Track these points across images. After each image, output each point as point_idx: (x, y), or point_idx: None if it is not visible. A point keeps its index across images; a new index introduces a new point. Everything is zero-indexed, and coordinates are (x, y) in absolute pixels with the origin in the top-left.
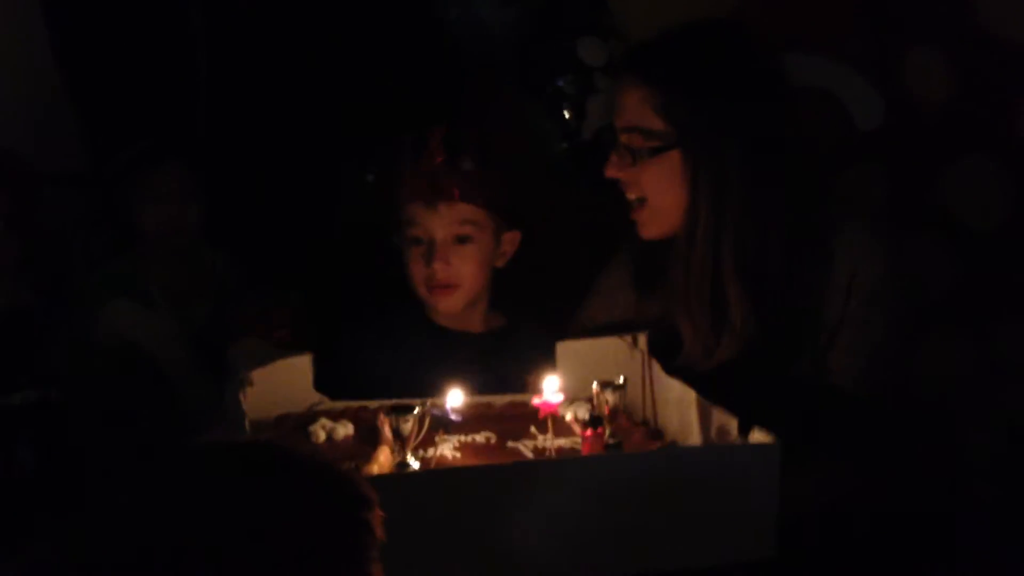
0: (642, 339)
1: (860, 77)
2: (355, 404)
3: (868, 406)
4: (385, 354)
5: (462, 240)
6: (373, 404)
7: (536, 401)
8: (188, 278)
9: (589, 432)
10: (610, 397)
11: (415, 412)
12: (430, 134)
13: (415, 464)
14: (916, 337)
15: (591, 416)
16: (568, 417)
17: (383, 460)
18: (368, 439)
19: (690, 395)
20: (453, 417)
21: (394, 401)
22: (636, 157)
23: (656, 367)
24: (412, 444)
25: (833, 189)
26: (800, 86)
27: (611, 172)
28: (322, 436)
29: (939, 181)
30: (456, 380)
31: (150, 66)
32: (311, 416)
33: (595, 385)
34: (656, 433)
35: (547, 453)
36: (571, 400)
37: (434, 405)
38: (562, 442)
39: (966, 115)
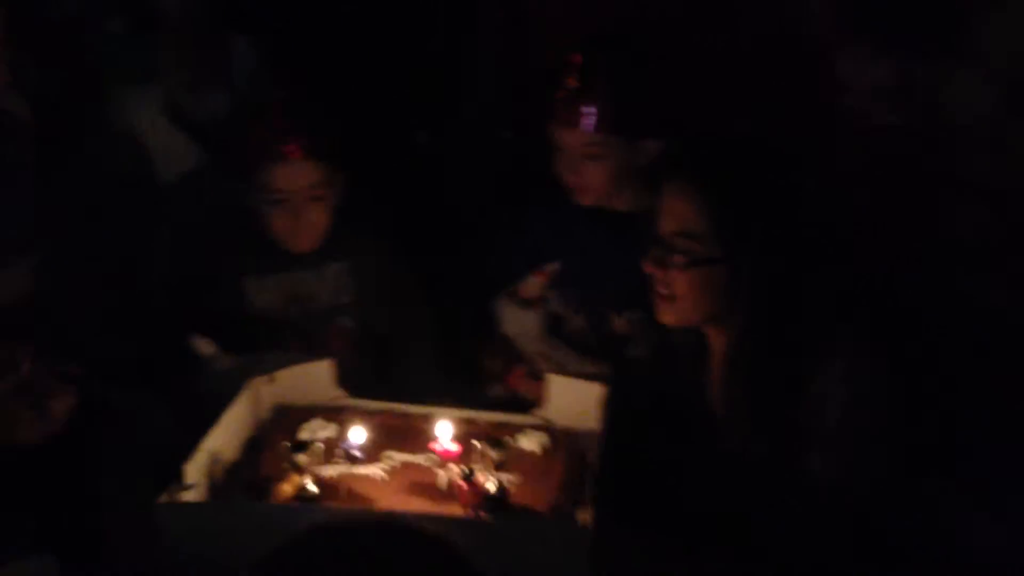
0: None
1: None
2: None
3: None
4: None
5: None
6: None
7: (437, 448)
8: (207, 65)
9: (465, 485)
10: (494, 454)
11: (312, 447)
12: (568, 59)
13: (314, 489)
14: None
15: (464, 472)
16: (455, 469)
17: (286, 487)
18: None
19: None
20: (356, 453)
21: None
22: (673, 262)
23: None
24: (310, 473)
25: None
26: None
27: (649, 268)
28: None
29: None
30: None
31: None
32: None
33: (478, 443)
34: None
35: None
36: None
37: (342, 440)
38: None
39: None
